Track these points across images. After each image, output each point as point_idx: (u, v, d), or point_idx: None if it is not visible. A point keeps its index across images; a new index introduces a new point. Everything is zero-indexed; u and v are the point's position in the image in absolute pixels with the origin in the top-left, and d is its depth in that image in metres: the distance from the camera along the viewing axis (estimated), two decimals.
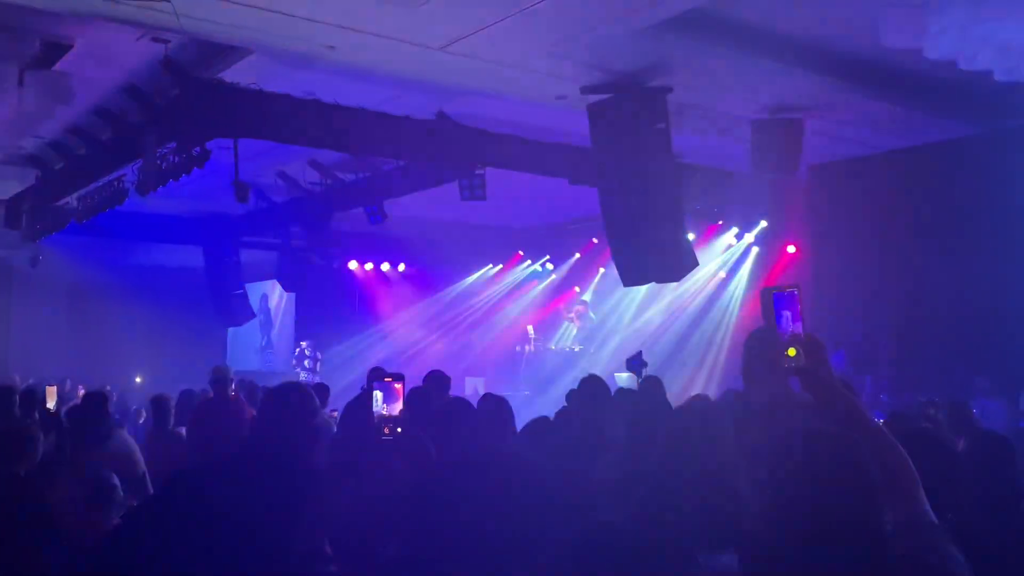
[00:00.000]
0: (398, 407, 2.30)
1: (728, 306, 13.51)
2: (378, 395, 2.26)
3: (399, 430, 2.26)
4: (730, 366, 12.42)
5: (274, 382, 4.14)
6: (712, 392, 8.65)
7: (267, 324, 18.62)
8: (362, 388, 6.99)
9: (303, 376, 15.11)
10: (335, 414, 7.33)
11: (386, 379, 2.31)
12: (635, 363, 8.87)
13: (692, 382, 12.75)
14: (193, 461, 5.87)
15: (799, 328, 1.95)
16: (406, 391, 2.35)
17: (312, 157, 11.29)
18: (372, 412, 2.30)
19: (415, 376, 5.08)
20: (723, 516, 2.31)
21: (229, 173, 8.52)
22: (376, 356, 15.76)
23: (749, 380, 2.20)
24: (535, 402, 11.51)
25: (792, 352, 1.93)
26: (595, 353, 14.42)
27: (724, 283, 13.75)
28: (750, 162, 9.64)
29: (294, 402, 2.81)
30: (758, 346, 1.87)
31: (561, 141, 9.67)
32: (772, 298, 1.95)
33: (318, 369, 15.54)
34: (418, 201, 12.57)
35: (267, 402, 2.88)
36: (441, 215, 14.82)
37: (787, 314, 1.96)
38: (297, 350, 15.83)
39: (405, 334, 16.80)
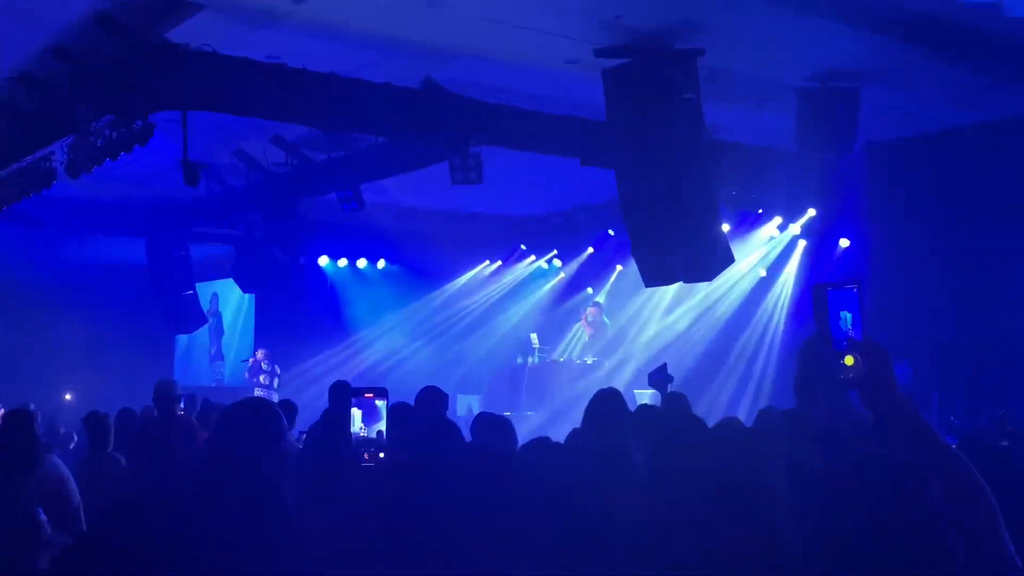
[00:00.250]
0: (380, 428, 2.29)
1: (773, 310, 13.49)
2: (356, 414, 2.26)
3: (381, 456, 2.26)
4: (780, 381, 12.37)
5: (228, 400, 4.14)
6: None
7: (217, 330, 18.61)
8: (330, 407, 7.00)
9: (258, 393, 15.09)
10: (304, 437, 7.33)
11: (366, 395, 2.31)
12: (658, 378, 8.86)
13: (734, 400, 12.70)
14: (134, 492, 5.87)
15: (859, 333, 1.94)
16: (390, 409, 2.34)
17: (276, 133, 11.28)
18: (350, 435, 2.29)
19: (398, 393, 5.08)
20: (764, 558, 2.31)
21: (177, 152, 8.51)
22: (350, 369, 15.72)
23: (803, 395, 2.20)
24: (539, 423, 11.51)
25: (850, 361, 1.93)
26: (611, 366, 14.41)
27: (766, 283, 13.74)
28: (796, 139, 9.62)
29: (256, 422, 2.80)
30: (816, 355, 1.88)
31: (571, 113, 9.67)
32: (826, 296, 1.95)
33: (276, 384, 15.52)
34: (401, 185, 12.54)
35: (224, 422, 2.87)
36: (428, 202, 14.79)
37: (845, 316, 1.96)
38: (250, 360, 15.81)
39: (385, 343, 16.78)
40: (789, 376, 2.34)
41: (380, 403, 2.33)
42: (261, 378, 15.51)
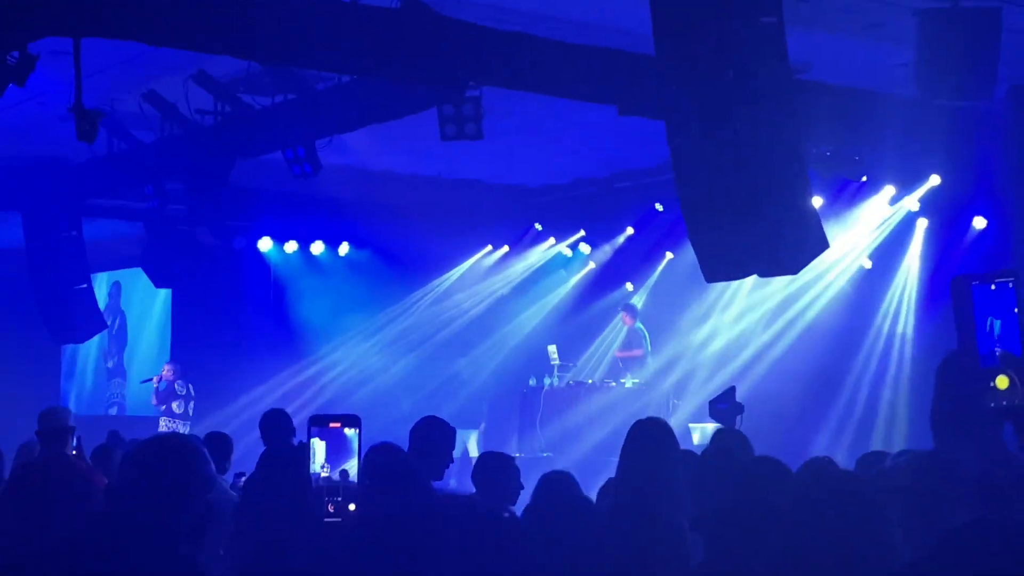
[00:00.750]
0: (350, 469, 2.27)
1: (896, 316, 13.41)
2: (319, 448, 2.23)
3: (352, 508, 2.23)
4: (915, 416, 12.26)
5: (140, 433, 4.14)
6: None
7: (119, 337, 18.64)
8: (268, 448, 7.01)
9: (166, 425, 15.08)
10: (243, 480, 7.34)
11: (331, 424, 2.29)
12: (724, 407, 8.83)
13: (840, 443, 12.54)
14: (7, 552, 5.88)
15: (1015, 343, 1.91)
16: (363, 446, 2.32)
17: (200, 69, 11.29)
18: (308, 477, 2.27)
19: (368, 430, 5.08)
20: None
21: (67, 95, 8.50)
22: (304, 395, 15.71)
23: (942, 432, 2.16)
24: (560, 467, 11.51)
25: (1004, 383, 1.90)
26: (660, 390, 14.41)
27: (873, 277, 13.70)
28: (915, 80, 9.58)
29: (174, 465, 2.82)
30: (957, 377, 1.84)
31: (605, 44, 9.65)
32: (971, 294, 1.92)
33: (190, 412, 15.50)
34: (372, 142, 12.52)
35: (132, 464, 2.89)
36: (409, 165, 14.78)
37: (993, 322, 1.93)
38: (155, 380, 15.79)
39: (351, 359, 16.77)
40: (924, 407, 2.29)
41: (351, 433, 2.31)
42: (175, 405, 15.47)
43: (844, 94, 10.92)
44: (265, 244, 16.64)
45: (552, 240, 17.01)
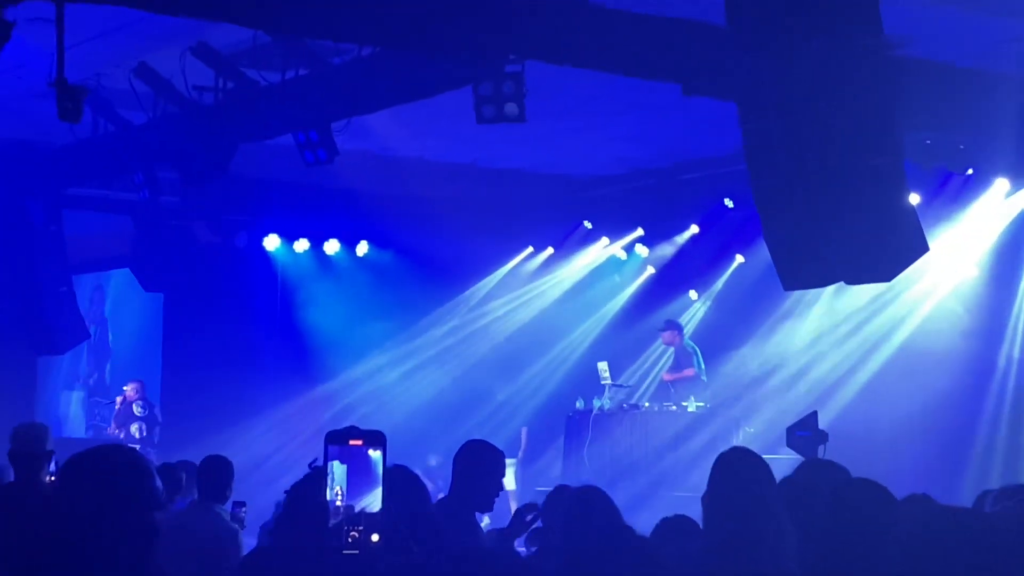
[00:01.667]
0: (375, 497, 2.28)
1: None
2: (338, 471, 2.25)
3: (375, 539, 2.24)
4: None
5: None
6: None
7: (100, 349, 18.70)
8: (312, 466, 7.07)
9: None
10: (244, 511, 7.40)
11: (352, 441, 2.30)
12: (804, 435, 8.85)
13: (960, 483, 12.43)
14: None
15: None
16: (389, 470, 2.33)
17: (199, 39, 11.37)
18: (325, 503, 2.28)
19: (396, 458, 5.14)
20: None
21: (47, 67, 8.58)
22: (318, 421, 15.72)
23: None
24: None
25: None
26: (724, 415, 14.36)
27: (986, 288, 13.61)
28: None
29: (106, 478, 2.87)
30: None
31: (668, 14, 9.65)
32: None
33: (155, 439, 15.53)
34: (396, 125, 12.56)
35: (61, 478, 2.98)
36: (439, 152, 14.81)
37: None
38: (118, 402, 15.82)
39: (368, 374, 16.78)
40: None
41: (375, 455, 2.32)
42: (133, 428, 15.51)
43: (947, 73, 10.88)
44: (272, 242, 16.67)
45: (605, 240, 16.99)
